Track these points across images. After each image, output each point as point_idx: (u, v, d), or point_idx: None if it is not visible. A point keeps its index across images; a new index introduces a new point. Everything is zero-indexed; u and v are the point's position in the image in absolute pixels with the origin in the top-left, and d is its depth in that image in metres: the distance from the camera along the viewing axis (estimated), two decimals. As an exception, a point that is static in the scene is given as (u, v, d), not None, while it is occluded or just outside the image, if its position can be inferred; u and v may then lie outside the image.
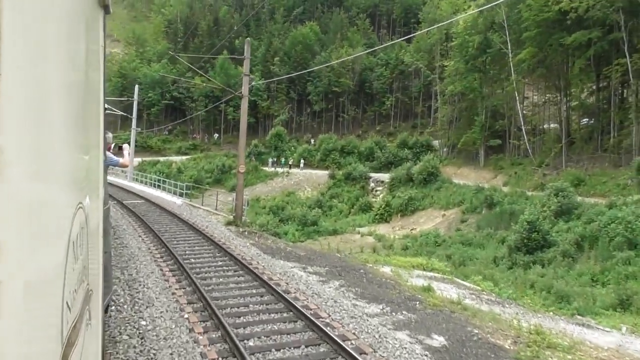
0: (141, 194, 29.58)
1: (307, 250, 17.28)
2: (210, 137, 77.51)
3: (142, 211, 21.47)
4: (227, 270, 11.55)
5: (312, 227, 46.49)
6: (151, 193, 31.90)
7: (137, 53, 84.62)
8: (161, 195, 30.96)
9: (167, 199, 28.27)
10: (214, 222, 19.09)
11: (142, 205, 24.26)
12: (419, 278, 13.45)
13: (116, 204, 23.97)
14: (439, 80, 63.49)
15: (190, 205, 25.61)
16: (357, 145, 68.27)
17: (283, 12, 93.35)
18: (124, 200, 25.93)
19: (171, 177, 61.81)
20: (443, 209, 45.43)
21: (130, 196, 28.93)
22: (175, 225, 17.94)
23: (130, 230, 16.36)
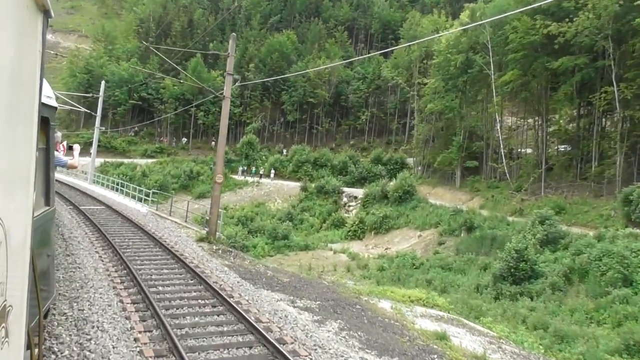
0: (102, 199, 26.88)
1: (289, 275, 15.24)
2: (178, 142, 74.42)
3: (101, 220, 18.97)
4: (204, 305, 9.40)
5: (282, 241, 44.33)
6: (113, 198, 29.16)
7: (105, 50, 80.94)
8: (124, 202, 28.27)
9: (131, 206, 25.68)
10: (184, 238, 16.80)
11: (102, 212, 21.69)
12: (424, 319, 11.61)
13: (72, 210, 21.35)
14: (417, 97, 62.68)
15: (157, 215, 23.15)
16: (330, 159, 66.68)
17: (260, 19, 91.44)
18: (82, 205, 23.27)
19: (135, 181, 58.64)
20: (419, 230, 44.07)
21: (89, 201, 26.21)
22: (140, 240, 15.59)
23: (86, 244, 13.95)
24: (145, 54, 79.95)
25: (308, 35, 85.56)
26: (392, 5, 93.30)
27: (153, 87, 75.04)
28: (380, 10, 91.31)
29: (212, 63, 78.16)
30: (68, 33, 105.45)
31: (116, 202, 27.11)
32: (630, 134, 36.96)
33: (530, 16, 40.29)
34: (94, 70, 74.18)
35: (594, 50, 38.46)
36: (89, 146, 70.93)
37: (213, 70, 76.17)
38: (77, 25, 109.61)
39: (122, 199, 29.50)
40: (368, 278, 32.80)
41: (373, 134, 76.10)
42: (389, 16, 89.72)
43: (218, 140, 18.56)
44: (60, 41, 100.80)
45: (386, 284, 30.38)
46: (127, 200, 29.35)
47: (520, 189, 45.07)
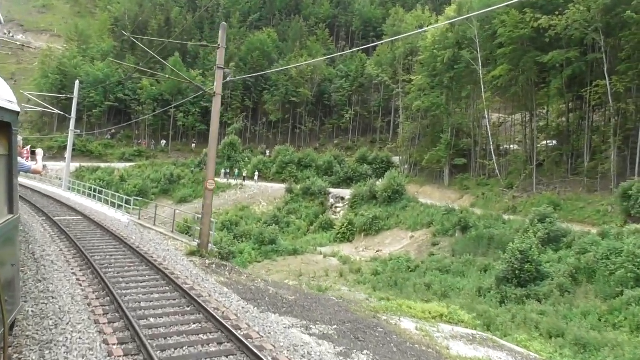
0: (78, 208, 24.90)
1: (293, 291, 13.72)
2: (158, 144, 72.03)
3: (78, 233, 17.16)
4: (207, 342, 7.79)
5: (270, 245, 42.70)
6: (91, 207, 27.15)
7: (79, 50, 77.97)
8: (103, 210, 26.31)
9: (111, 215, 23.78)
10: (172, 252, 15.10)
11: (79, 223, 19.81)
12: (456, 340, 10.22)
13: (44, 222, 19.43)
14: (402, 95, 61.63)
15: (140, 225, 21.33)
16: (315, 159, 65.20)
17: (239, 17, 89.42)
18: (56, 215, 21.33)
19: (113, 186, 56.36)
20: (410, 230, 42.91)
21: (64, 210, 24.23)
22: (123, 256, 13.86)
23: (61, 264, 12.19)
24: (121, 54, 77.26)
25: (289, 33, 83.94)
26: (372, 3, 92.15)
27: (130, 87, 72.50)
28: (361, 8, 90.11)
29: (190, 62, 75.92)
30: (39, 33, 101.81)
31: (94, 210, 25.15)
32: (623, 128, 36.35)
33: (518, 10, 39.46)
34: (67, 71, 71.30)
35: (584, 44, 37.82)
36: (63, 150, 68.22)
37: (192, 70, 73.93)
38: (49, 24, 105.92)
39: (100, 207, 27.52)
40: (363, 283, 31.48)
41: (357, 133, 74.86)
42: (370, 13, 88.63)
43: (209, 142, 17.01)
44: (32, 41, 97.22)
45: (383, 289, 29.10)
46: (106, 208, 27.38)
47: (512, 186, 44.28)
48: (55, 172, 62.01)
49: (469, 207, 44.07)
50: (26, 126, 74.00)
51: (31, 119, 75.35)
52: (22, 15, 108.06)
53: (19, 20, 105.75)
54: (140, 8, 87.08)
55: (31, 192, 33.52)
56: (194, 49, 78.88)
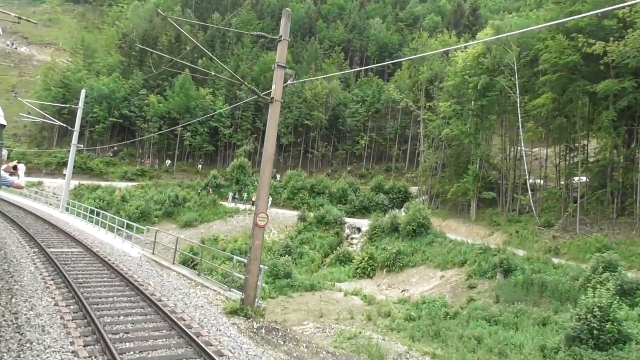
0: (77, 236, 21.10)
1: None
2: (162, 164, 68.40)
3: (79, 275, 13.38)
4: None
5: (284, 279, 38.67)
6: (92, 234, 23.30)
7: (84, 63, 75.05)
8: (107, 239, 22.44)
9: (117, 247, 19.95)
10: (206, 308, 11.28)
11: (80, 259, 16.01)
12: None
13: (37, 256, 15.63)
14: (424, 122, 58.52)
15: (155, 262, 17.48)
16: (328, 185, 61.61)
17: (252, 37, 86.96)
18: (51, 246, 17.55)
19: (113, 207, 52.62)
20: (440, 269, 39.01)
21: (61, 239, 20.42)
22: (143, 317, 10.05)
23: (57, 334, 8.38)
24: (128, 69, 74.29)
25: (303, 55, 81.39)
26: (389, 28, 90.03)
27: (136, 104, 69.25)
28: (377, 33, 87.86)
29: (200, 80, 72.93)
30: (44, 46, 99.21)
31: (97, 240, 21.32)
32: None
33: (565, 34, 36.52)
34: (70, 85, 68.14)
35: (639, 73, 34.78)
36: (62, 167, 64.54)
37: (202, 88, 70.89)
38: (54, 38, 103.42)
39: (103, 235, 23.65)
40: (396, 330, 27.52)
41: (372, 160, 71.50)
42: (386, 38, 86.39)
43: (262, 163, 13.38)
44: (35, 54, 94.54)
45: (422, 339, 25.21)
46: (111, 236, 23.48)
47: (549, 224, 40.64)
48: (52, 189, 58.18)
49: (501, 245, 40.44)
50: (24, 140, 70.50)
51: (30, 132, 71.87)
52: (27, 27, 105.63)
53: (23, 33, 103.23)
54: (150, 24, 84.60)
55: (23, 213, 29.73)
56: (204, 67, 75.96)
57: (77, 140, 35.93)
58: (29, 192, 50.78)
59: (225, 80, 72.43)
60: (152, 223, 52.68)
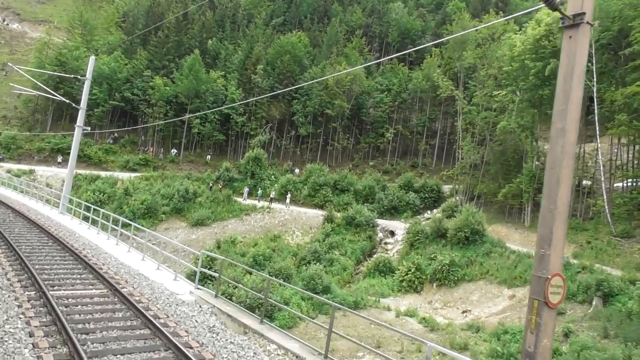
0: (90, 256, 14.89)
1: None
2: (167, 153, 61.91)
3: (107, 352, 7.23)
4: None
5: (323, 294, 32.64)
6: (110, 251, 16.90)
7: (83, 41, 68.12)
8: (133, 262, 15.93)
9: (154, 278, 13.62)
10: None
11: (103, 309, 9.84)
12: None
13: (34, 310, 9.39)
14: (465, 114, 52.56)
15: (226, 316, 11.21)
16: (353, 182, 55.51)
17: (265, 17, 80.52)
18: (56, 285, 11.32)
19: (115, 200, 46.28)
20: (506, 286, 33.13)
21: (69, 265, 14.16)
22: None
23: None
24: (130, 48, 67.53)
25: (322, 39, 74.95)
26: (410, 13, 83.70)
27: (139, 86, 62.62)
28: (399, 18, 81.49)
29: (210, 63, 66.37)
30: (37, 23, 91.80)
31: (119, 263, 15.03)
32: None
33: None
34: (67, 63, 61.35)
35: None
36: (56, 153, 57.90)
37: (212, 71, 64.34)
38: (48, 15, 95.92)
39: (126, 254, 17.20)
40: (484, 371, 21.63)
41: (397, 155, 65.43)
42: (409, 24, 79.96)
43: (552, 158, 7.15)
44: (28, 31, 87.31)
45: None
46: (136, 256, 16.90)
47: (627, 234, 34.90)
48: (46, 178, 51.62)
49: (571, 257, 34.71)
50: (14, 123, 63.74)
51: (21, 114, 65.11)
52: (20, 4, 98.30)
53: (15, 9, 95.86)
54: (154, 1, 77.62)
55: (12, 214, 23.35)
56: (214, 49, 69.39)
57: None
58: (19, 182, 44.20)
59: (238, 62, 66.05)
60: (159, 220, 46.48)
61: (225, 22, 77.81)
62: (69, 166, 27.02)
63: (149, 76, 62.70)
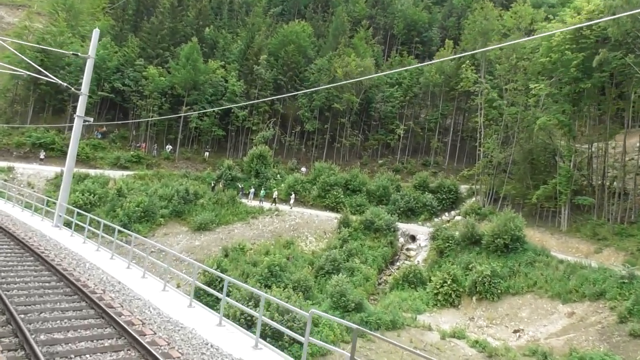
0: (130, 317, 10.50)
1: None
2: (161, 149, 56.95)
3: None
4: None
5: (356, 313, 28.57)
6: (152, 299, 12.35)
7: (68, 26, 62.59)
8: (193, 320, 11.43)
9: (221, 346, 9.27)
10: None
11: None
12: None
13: None
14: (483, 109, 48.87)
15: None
16: (365, 182, 51.46)
17: (264, 5, 75.89)
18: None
19: (108, 202, 41.42)
20: (560, 300, 29.45)
21: (90, 327, 9.73)
22: None
23: None
24: (120, 34, 62.32)
25: (327, 29, 70.70)
26: (416, 4, 79.88)
27: (131, 76, 57.52)
28: (404, 9, 77.65)
29: (207, 52, 61.52)
30: (15, 7, 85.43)
31: (172, 323, 10.64)
32: None
33: None
34: (50, 50, 55.82)
35: None
36: (38, 149, 52.47)
37: (211, 60, 59.53)
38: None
39: (174, 303, 12.64)
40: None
41: (407, 153, 61.54)
42: (415, 15, 76.17)
43: None
44: (4, 15, 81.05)
45: None
46: (199, 314, 12.35)
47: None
48: (27, 177, 46.42)
49: (623, 267, 31.17)
50: (-9, 114, 58.11)
51: (-3, 106, 59.45)
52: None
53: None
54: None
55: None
56: (212, 37, 64.58)
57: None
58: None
59: (239, 52, 61.41)
60: (157, 225, 41.75)
61: (222, 9, 72.97)
62: (66, 167, 22.29)
63: (142, 65, 57.66)
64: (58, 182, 46.15)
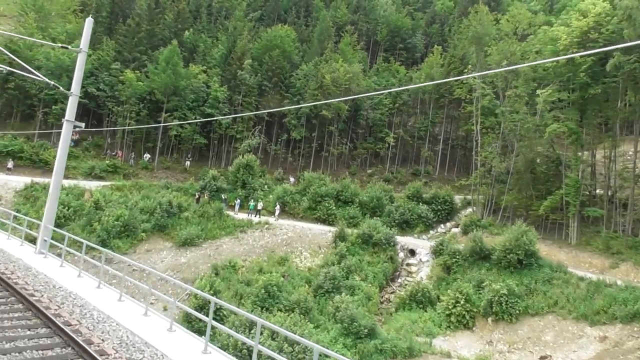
0: None
1: None
2: (139, 158, 53.22)
3: None
4: None
5: (370, 340, 25.98)
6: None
7: (37, 27, 58.33)
8: None
9: None
10: None
11: None
12: None
13: None
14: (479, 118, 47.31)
15: None
16: (357, 192, 49.08)
17: (246, 9, 73.18)
18: None
19: (84, 216, 37.73)
20: (587, 322, 27.51)
21: None
22: None
23: None
24: (94, 37, 58.29)
25: (310, 34, 68.45)
26: (399, 10, 78.60)
27: (106, 80, 53.76)
28: (387, 15, 76.22)
29: (186, 57, 58.25)
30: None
31: None
32: None
33: None
34: (19, 52, 51.59)
35: None
36: (6, 158, 47.91)
37: (192, 65, 56.35)
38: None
39: None
40: None
41: (397, 162, 59.56)
42: (399, 21, 74.75)
43: None
44: (-33, 17, 75.76)
45: None
46: None
47: None
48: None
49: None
50: (-50, 121, 53.33)
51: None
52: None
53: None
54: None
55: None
56: (191, 41, 61.39)
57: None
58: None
59: (220, 56, 58.47)
60: (139, 240, 38.18)
61: (201, 12, 69.79)
62: (53, 181, 18.78)
63: (118, 69, 53.99)
64: (27, 193, 42.06)
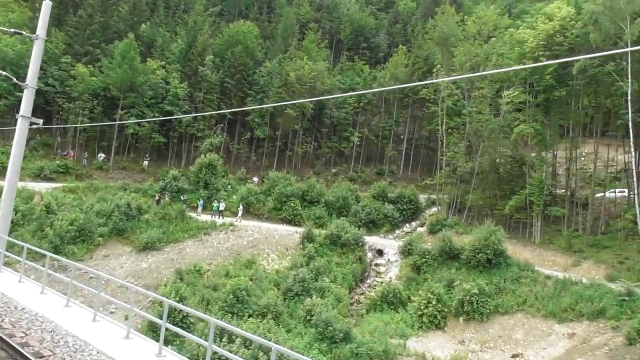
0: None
1: None
2: (93, 158, 50.43)
3: None
4: None
5: (344, 344, 25.18)
6: None
7: (-23, 17, 54.41)
8: None
9: None
10: None
11: None
12: None
13: None
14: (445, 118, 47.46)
15: None
16: (323, 192, 48.35)
17: (206, 2, 71.08)
18: None
19: (34, 221, 35.17)
20: (555, 320, 27.80)
21: None
22: None
23: None
24: (42, 28, 54.92)
25: (273, 30, 67.12)
26: (362, 9, 78.41)
27: (55, 75, 50.69)
28: (351, 13, 75.89)
29: (143, 51, 55.76)
30: None
31: None
32: None
33: None
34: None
35: None
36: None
37: (150, 60, 53.96)
38: None
39: None
40: None
41: (361, 162, 59.19)
42: (362, 20, 74.54)
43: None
44: None
45: None
46: None
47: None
48: None
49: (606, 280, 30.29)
50: None
51: None
52: None
53: None
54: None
55: None
56: (148, 35, 58.89)
57: (29, 109, 17.98)
58: None
59: (180, 52, 56.36)
60: (95, 245, 35.95)
61: (158, 5, 67.13)
62: (6, 185, 16.92)
63: (69, 63, 50.99)
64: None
